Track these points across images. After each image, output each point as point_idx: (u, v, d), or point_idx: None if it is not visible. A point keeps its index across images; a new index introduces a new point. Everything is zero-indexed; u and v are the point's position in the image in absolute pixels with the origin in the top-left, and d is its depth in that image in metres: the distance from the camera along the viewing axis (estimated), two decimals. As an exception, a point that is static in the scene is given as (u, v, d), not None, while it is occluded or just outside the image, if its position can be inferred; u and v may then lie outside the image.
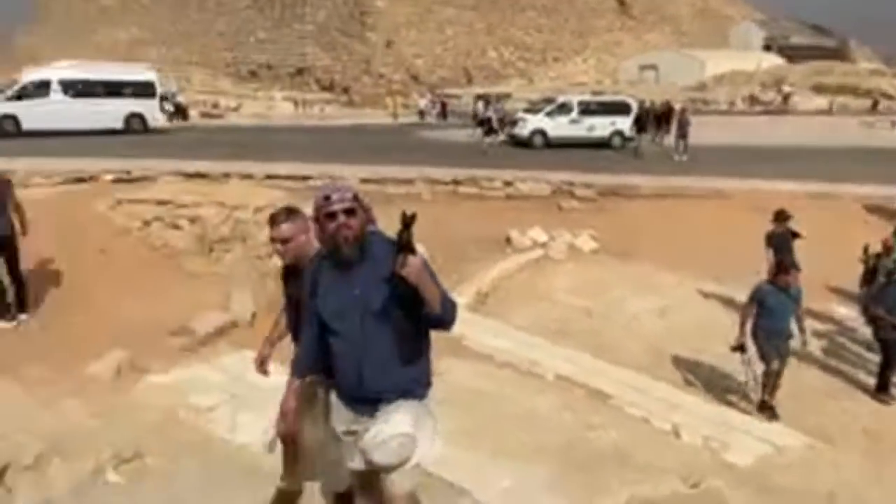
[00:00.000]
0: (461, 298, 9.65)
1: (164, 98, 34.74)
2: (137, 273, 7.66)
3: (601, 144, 22.59)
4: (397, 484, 2.69)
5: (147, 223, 7.67)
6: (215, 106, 42.12)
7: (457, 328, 8.18)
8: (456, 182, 16.86)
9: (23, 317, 6.86)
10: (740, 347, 6.60)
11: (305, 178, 16.13)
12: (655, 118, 22.95)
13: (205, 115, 38.69)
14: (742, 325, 6.64)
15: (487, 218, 14.89)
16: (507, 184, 16.76)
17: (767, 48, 65.27)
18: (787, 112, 39.08)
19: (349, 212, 2.53)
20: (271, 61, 62.37)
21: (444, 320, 2.59)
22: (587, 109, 23.23)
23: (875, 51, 76.45)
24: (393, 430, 2.59)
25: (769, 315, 6.48)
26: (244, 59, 63.60)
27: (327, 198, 2.55)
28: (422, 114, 40.30)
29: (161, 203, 7.89)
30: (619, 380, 6.59)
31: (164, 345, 6.33)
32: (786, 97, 42.05)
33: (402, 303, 2.50)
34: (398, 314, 2.55)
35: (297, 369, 2.92)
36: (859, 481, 4.87)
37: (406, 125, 35.59)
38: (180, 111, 35.24)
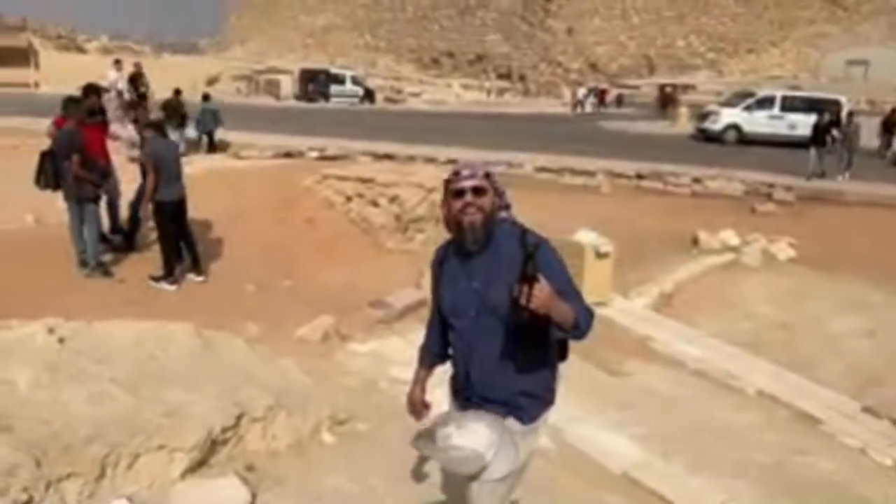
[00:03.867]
0: (643, 299, 9.33)
1: (356, 82, 36.84)
2: (338, 244, 8.14)
3: (803, 145, 20.75)
4: (476, 496, 2.40)
5: (349, 199, 8.11)
6: (399, 92, 43.85)
7: (642, 328, 7.89)
8: (639, 176, 16.27)
9: (198, 278, 7.42)
10: None
11: (484, 163, 16.37)
12: (883, 124, 20.49)
13: (388, 99, 40.44)
14: None
15: (672, 216, 14.21)
16: (696, 181, 15.89)
17: None
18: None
19: (478, 190, 2.29)
20: (452, 49, 63.82)
21: (577, 336, 2.29)
22: (790, 106, 21.39)
23: None
24: (462, 440, 2.32)
25: None
26: (428, 46, 65.59)
27: (457, 173, 2.34)
28: (579, 104, 38.59)
29: (363, 181, 8.30)
30: (829, 404, 6.00)
31: (363, 315, 6.66)
32: None
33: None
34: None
35: (423, 359, 2.75)
36: None
37: (583, 115, 34.93)
38: (369, 94, 37.09)
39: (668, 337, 7.53)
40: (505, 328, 2.29)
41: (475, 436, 2.30)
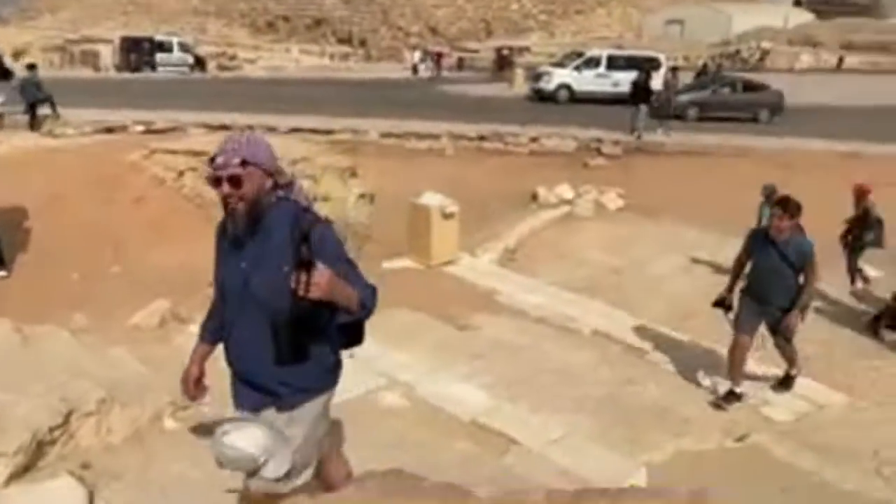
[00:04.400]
0: (488, 255, 9.69)
1: (184, 50, 34.55)
2: (171, 222, 7.71)
3: (622, 101, 22.22)
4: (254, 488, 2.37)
5: (181, 174, 7.68)
6: (232, 58, 41.68)
7: (489, 283, 8.21)
8: (481, 137, 16.70)
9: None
10: None
11: (329, 131, 16.06)
12: (697, 76, 22.30)
13: (221, 67, 38.36)
14: None
15: (513, 174, 14.79)
16: (533, 140, 16.58)
17: (797, 3, 63.29)
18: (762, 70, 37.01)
19: (233, 179, 2.13)
20: (288, 13, 61.48)
21: (364, 316, 2.24)
22: (615, 64, 22.77)
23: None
24: (238, 441, 2.25)
25: None
26: (262, 10, 62.70)
27: (213, 158, 2.18)
28: (415, 68, 38.09)
29: (195, 154, 7.87)
30: (655, 335, 6.59)
31: (203, 295, 6.37)
32: (763, 55, 40.14)
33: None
34: (286, 304, 2.09)
35: (203, 335, 2.60)
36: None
37: (425, 79, 35.11)
38: (199, 62, 34.98)
39: (513, 289, 7.89)
40: (266, 314, 2.17)
41: (251, 438, 2.25)
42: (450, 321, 6.56)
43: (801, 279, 5.12)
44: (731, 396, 5.24)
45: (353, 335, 2.42)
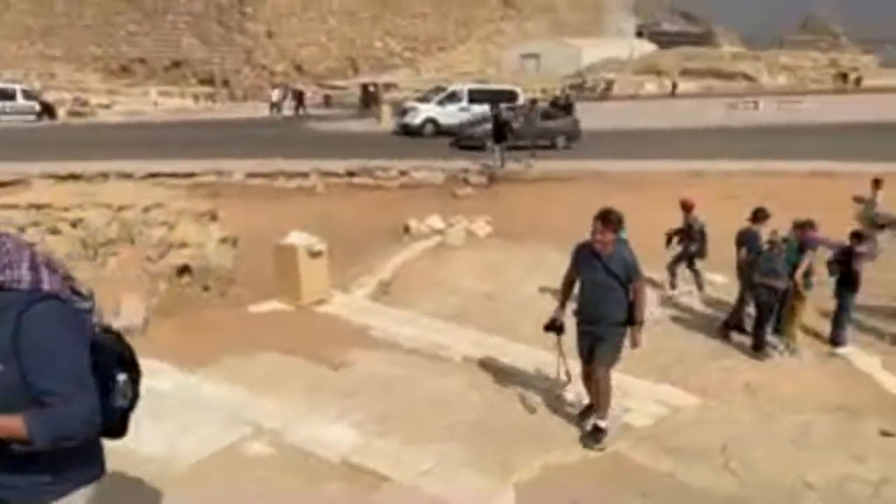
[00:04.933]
0: (362, 290, 9.67)
1: (28, 97, 32.34)
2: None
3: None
4: None
5: (22, 229, 7.12)
6: (84, 104, 39.42)
7: (362, 319, 8.17)
8: (350, 174, 16.74)
9: None
10: None
11: (190, 174, 15.54)
12: (563, 109, 23.39)
13: (73, 113, 36.21)
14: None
15: (384, 208, 14.91)
16: (402, 173, 16.82)
17: (640, 35, 68.61)
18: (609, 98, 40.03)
19: None
20: (144, 55, 59.11)
21: (37, 449, 1.88)
22: (476, 98, 23.65)
23: (736, 33, 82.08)
24: None
25: None
26: (115, 53, 59.90)
27: None
28: (274, 106, 37.34)
29: (38, 207, 7.35)
30: (525, 356, 6.80)
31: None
32: (609, 85, 43.38)
33: None
34: None
35: None
36: (747, 433, 5.29)
37: (289, 118, 34.80)
38: (48, 110, 32.86)
39: (387, 322, 7.88)
40: None
41: None
42: (322, 361, 6.45)
43: (631, 293, 4.95)
44: (598, 432, 4.93)
45: (112, 429, 2.13)
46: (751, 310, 8.50)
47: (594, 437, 4.91)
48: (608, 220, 4.82)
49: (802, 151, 18.81)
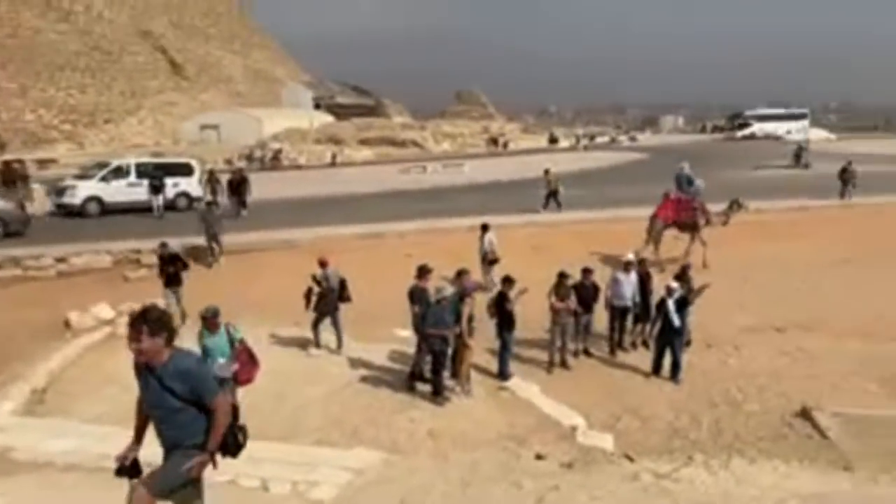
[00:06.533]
0: (8, 404, 8.24)
1: None
2: None
3: (167, 207, 21.68)
4: None
5: None
6: None
7: (2, 440, 6.92)
8: (-10, 266, 14.32)
9: None
10: None
11: None
12: (230, 185, 22.42)
13: None
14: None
15: (39, 302, 12.98)
16: (60, 260, 14.86)
17: (317, 107, 71.34)
18: (279, 168, 41.21)
19: None
20: None
21: None
22: (146, 172, 22.01)
23: (403, 104, 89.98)
24: None
25: None
26: None
27: None
28: None
29: None
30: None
31: None
32: (276, 154, 44.26)
33: None
34: None
35: None
36: (425, 482, 5.52)
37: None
38: None
39: (35, 439, 6.76)
40: None
41: None
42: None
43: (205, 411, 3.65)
44: None
45: None
46: (429, 358, 9.10)
47: None
48: (146, 320, 3.49)
49: (465, 208, 20.99)
